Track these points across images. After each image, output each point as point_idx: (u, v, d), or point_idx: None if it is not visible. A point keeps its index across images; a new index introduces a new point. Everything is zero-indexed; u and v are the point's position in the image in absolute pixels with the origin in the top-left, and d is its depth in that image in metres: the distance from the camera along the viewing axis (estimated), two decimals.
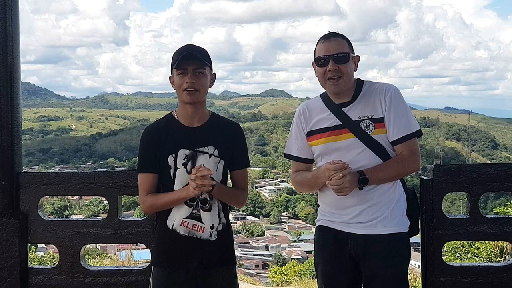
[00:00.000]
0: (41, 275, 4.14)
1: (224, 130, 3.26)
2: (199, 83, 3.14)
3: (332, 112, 3.33)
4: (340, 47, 3.26)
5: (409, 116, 3.28)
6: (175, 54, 3.20)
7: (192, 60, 3.12)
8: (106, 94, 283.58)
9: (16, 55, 4.16)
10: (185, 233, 3.16)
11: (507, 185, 3.92)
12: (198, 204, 3.16)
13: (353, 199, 3.23)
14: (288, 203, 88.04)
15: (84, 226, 4.13)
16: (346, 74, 3.25)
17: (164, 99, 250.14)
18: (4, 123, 4.08)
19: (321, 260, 3.42)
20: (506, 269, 3.95)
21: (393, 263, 3.25)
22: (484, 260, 11.69)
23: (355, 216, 3.26)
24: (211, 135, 3.20)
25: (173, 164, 3.16)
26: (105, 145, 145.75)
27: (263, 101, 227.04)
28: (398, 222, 3.28)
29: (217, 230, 3.18)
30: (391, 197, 3.27)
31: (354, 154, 3.25)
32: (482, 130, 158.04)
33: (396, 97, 3.27)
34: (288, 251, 54.67)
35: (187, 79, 3.13)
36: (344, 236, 3.30)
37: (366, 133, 3.23)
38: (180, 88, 3.16)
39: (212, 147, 3.19)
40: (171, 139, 3.19)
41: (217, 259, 3.18)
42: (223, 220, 3.22)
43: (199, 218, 3.16)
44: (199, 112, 3.22)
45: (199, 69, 3.15)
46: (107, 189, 4.11)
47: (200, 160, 3.15)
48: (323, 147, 3.33)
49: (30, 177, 4.18)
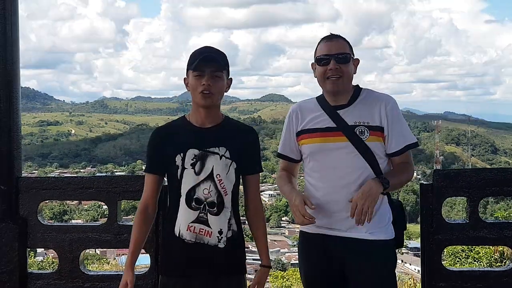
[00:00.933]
0: (41, 280, 4.14)
1: (237, 132, 3.15)
2: (215, 86, 3.03)
3: (326, 113, 3.31)
4: (342, 47, 3.26)
5: (407, 128, 3.32)
6: (193, 55, 3.09)
7: (210, 63, 3.02)
8: (106, 99, 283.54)
9: (16, 60, 4.17)
10: (191, 238, 3.03)
11: (506, 190, 3.92)
12: (205, 207, 3.03)
13: (338, 205, 3.21)
14: (287, 208, 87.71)
15: (83, 231, 4.13)
16: (346, 74, 3.25)
17: (164, 104, 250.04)
18: (4, 128, 4.08)
19: (306, 265, 3.41)
20: (506, 274, 3.95)
21: (378, 268, 3.23)
22: (484, 265, 11.70)
23: (339, 221, 3.23)
24: (222, 136, 3.07)
25: (181, 164, 3.04)
26: (105, 150, 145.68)
27: (263, 105, 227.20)
28: (383, 229, 3.26)
29: (227, 237, 3.06)
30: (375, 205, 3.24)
31: (345, 159, 3.22)
32: (481, 135, 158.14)
33: (397, 110, 3.29)
34: (287, 256, 54.53)
35: (203, 81, 3.01)
36: (328, 241, 3.27)
37: (360, 139, 3.21)
38: (196, 91, 3.04)
39: (223, 148, 3.05)
40: (180, 138, 3.08)
41: (226, 267, 3.06)
42: (233, 227, 3.09)
43: (206, 222, 3.03)
44: (212, 115, 3.10)
45: (216, 72, 3.03)
46: (106, 194, 4.11)
47: (210, 161, 3.04)
48: (313, 147, 3.30)
49: (30, 182, 4.17)
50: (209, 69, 3.02)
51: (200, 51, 3.09)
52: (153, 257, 3.99)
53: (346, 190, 3.21)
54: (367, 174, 3.23)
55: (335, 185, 3.22)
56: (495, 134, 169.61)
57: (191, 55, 3.12)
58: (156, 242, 3.96)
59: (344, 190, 3.21)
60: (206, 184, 3.04)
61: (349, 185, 3.22)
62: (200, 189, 3.04)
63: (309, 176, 3.37)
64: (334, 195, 3.22)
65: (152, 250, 3.99)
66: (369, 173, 3.23)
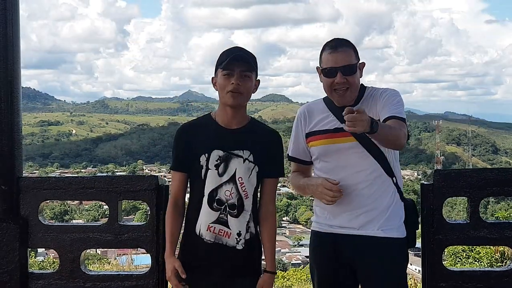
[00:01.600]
0: (41, 280, 4.14)
1: (262, 136, 3.16)
2: (244, 86, 3.04)
3: (333, 114, 3.33)
4: (348, 58, 3.24)
5: (401, 107, 3.23)
6: (223, 54, 3.08)
7: (240, 62, 3.01)
8: (107, 99, 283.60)
9: (17, 60, 4.16)
10: (211, 239, 3.06)
11: (507, 190, 3.91)
12: (226, 208, 3.06)
13: (350, 204, 3.24)
14: (288, 208, 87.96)
15: (84, 231, 4.13)
16: (353, 85, 3.26)
17: (164, 104, 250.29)
18: (4, 128, 4.08)
19: (318, 265, 3.42)
20: (507, 274, 3.94)
21: (390, 267, 3.24)
22: (484, 265, 11.69)
23: (352, 219, 3.26)
24: (247, 139, 3.07)
25: (205, 164, 3.06)
26: (106, 150, 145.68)
27: (264, 105, 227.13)
28: (395, 227, 3.28)
29: (245, 239, 3.08)
30: (387, 203, 3.28)
31: (354, 158, 3.25)
32: (482, 135, 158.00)
33: (394, 96, 3.28)
34: (288, 256, 54.64)
35: (233, 80, 3.01)
36: (340, 240, 3.29)
37: (367, 137, 3.24)
38: (224, 90, 3.04)
39: (247, 152, 3.08)
40: (206, 138, 3.09)
41: (243, 268, 3.09)
42: (251, 229, 3.12)
43: (226, 223, 3.06)
44: (238, 116, 3.10)
45: (246, 72, 3.04)
46: (107, 194, 4.11)
47: (234, 163, 3.05)
48: (322, 148, 3.33)
49: (31, 182, 4.17)
50: (238, 69, 3.01)
51: (230, 50, 3.08)
52: (154, 257, 3.99)
53: (356, 189, 3.24)
54: (376, 172, 3.27)
55: (345, 184, 3.23)
56: (496, 134, 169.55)
57: (221, 54, 3.12)
58: (156, 242, 3.96)
59: (353, 189, 3.24)
60: (228, 186, 3.07)
61: (358, 184, 3.25)
62: (222, 190, 3.07)
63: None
64: (345, 194, 3.24)
65: (153, 250, 3.99)
66: (379, 171, 3.27)
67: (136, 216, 54.86)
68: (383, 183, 3.29)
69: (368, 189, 3.24)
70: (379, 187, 3.26)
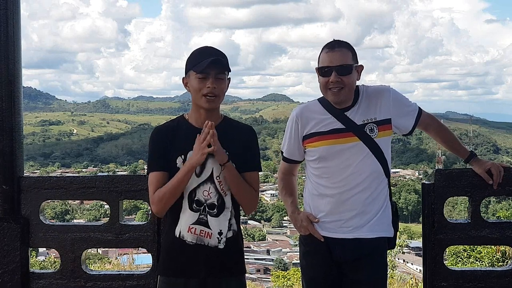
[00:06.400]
0: (42, 279, 4.14)
1: (237, 133, 3.13)
2: (219, 88, 3.01)
3: (333, 116, 3.33)
4: (344, 58, 3.25)
5: (408, 100, 3.46)
6: (197, 56, 3.04)
7: (217, 65, 2.99)
8: (108, 99, 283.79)
9: (18, 59, 4.16)
10: (192, 240, 3.03)
11: (508, 190, 3.91)
12: (205, 209, 3.03)
13: (346, 204, 3.27)
14: None
15: (85, 231, 4.13)
16: (348, 85, 3.26)
17: (165, 103, 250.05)
18: (6, 128, 4.08)
19: (307, 266, 3.45)
20: (508, 273, 3.94)
21: (378, 269, 3.33)
22: (486, 264, 11.69)
23: (344, 221, 3.29)
24: (222, 138, 3.02)
25: (182, 166, 3.02)
26: (107, 149, 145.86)
27: (265, 105, 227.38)
28: (385, 227, 3.34)
29: (226, 237, 3.05)
30: (379, 205, 3.32)
31: (358, 158, 3.27)
32: (483, 134, 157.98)
33: (396, 94, 3.41)
34: (289, 255, 54.52)
35: (208, 84, 2.98)
36: (331, 242, 3.32)
37: (370, 137, 3.26)
38: (199, 93, 3.00)
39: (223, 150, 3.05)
40: (180, 140, 3.07)
41: (226, 268, 3.06)
42: (233, 227, 3.09)
43: (206, 223, 3.03)
44: (212, 116, 3.07)
45: (220, 74, 3.01)
46: (108, 193, 4.11)
47: (210, 163, 3.03)
48: (324, 149, 3.32)
49: (32, 182, 4.17)
50: (214, 72, 2.99)
51: (203, 52, 3.06)
52: (155, 257, 3.99)
53: (357, 189, 3.27)
54: (376, 172, 3.29)
55: (347, 184, 3.27)
56: (497, 134, 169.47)
57: (192, 54, 3.09)
58: (158, 242, 3.96)
59: (355, 189, 3.28)
60: (206, 186, 3.05)
61: (360, 185, 3.27)
62: (200, 191, 3.05)
63: (318, 177, 3.38)
64: (345, 194, 3.27)
65: (154, 249, 3.99)
66: (378, 171, 3.31)
67: (137, 216, 54.91)
68: (379, 185, 3.32)
69: (363, 193, 3.27)
70: (374, 190, 3.30)
